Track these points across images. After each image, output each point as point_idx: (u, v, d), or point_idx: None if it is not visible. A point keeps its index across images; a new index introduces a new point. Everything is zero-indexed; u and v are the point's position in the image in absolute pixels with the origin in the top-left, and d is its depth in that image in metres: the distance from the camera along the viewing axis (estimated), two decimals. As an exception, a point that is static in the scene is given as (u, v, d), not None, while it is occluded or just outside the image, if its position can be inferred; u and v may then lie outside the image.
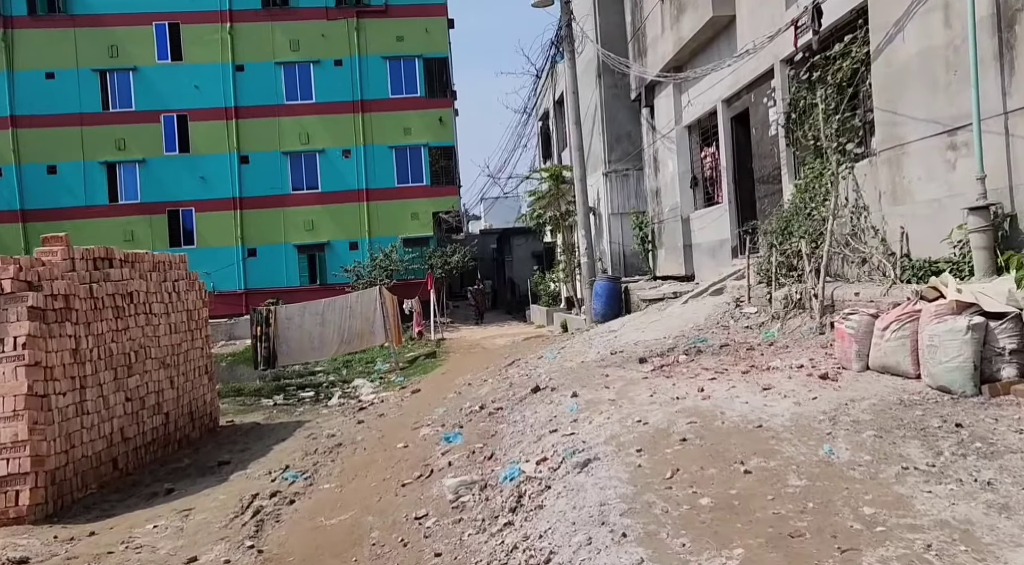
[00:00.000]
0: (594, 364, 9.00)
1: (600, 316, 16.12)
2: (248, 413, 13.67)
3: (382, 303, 18.04)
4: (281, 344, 17.79)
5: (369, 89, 32.59)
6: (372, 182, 32.55)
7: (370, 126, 32.54)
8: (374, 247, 31.27)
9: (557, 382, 8.31)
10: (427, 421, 9.46)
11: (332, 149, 32.51)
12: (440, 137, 32.97)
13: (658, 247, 15.79)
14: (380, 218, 32.52)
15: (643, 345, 9.42)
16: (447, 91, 33.38)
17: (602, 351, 9.90)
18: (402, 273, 30.65)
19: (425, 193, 32.69)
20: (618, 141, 17.76)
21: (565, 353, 11.28)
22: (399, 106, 32.62)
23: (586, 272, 17.04)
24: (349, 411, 12.61)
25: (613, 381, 7.39)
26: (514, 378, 10.35)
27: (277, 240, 32.26)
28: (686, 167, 14.11)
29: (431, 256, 31.25)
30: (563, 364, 9.90)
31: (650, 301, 12.89)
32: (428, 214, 32.71)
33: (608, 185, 17.76)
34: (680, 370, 7.32)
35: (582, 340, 12.24)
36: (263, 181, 32.02)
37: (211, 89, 31.82)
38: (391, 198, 32.51)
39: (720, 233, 12.60)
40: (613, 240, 17.81)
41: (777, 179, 10.34)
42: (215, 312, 31.17)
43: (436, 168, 32.89)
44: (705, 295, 10.76)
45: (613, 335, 11.36)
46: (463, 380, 12.54)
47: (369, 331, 18.19)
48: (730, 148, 12.06)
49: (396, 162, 32.76)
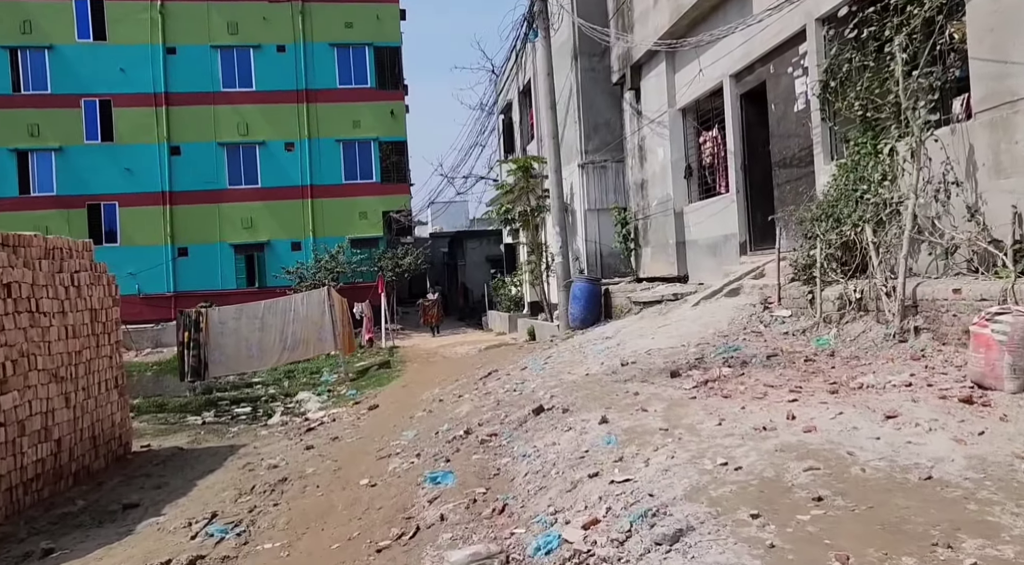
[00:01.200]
0: (605, 377, 7.32)
1: (578, 321, 14.50)
2: (170, 434, 11.51)
3: (331, 306, 16.03)
4: (213, 352, 15.58)
5: (315, 78, 30.39)
6: (317, 178, 30.32)
7: (315, 118, 30.33)
8: (319, 248, 29.05)
9: (565, 401, 6.60)
10: (395, 448, 7.62)
11: (273, 141, 30.16)
12: (391, 131, 30.99)
13: (643, 245, 14.27)
14: (326, 217, 30.30)
15: (660, 355, 7.79)
16: (399, 83, 31.44)
17: (607, 361, 8.24)
18: (349, 276, 28.52)
19: (375, 191, 30.64)
20: (595, 130, 16.22)
21: (554, 363, 9.59)
22: (347, 97, 30.52)
23: (561, 273, 15.40)
24: (294, 432, 10.63)
25: (648, 401, 5.72)
26: (498, 394, 8.59)
27: (211, 239, 29.68)
28: (680, 155, 12.64)
29: (381, 258, 29.21)
30: (561, 377, 8.20)
31: (645, 304, 11.32)
32: (378, 213, 30.66)
33: (584, 178, 16.20)
34: (734, 387, 5.70)
35: (569, 348, 10.57)
36: (196, 174, 29.42)
37: (138, 72, 29.09)
38: (338, 195, 30.34)
39: (724, 227, 11.13)
40: (589, 238, 16.25)
41: (806, 161, 8.89)
42: (140, 316, 28.46)
43: (387, 164, 30.89)
44: (719, 297, 9.23)
45: (610, 342, 9.72)
46: (430, 395, 10.72)
47: (316, 337, 16.15)
48: (739, 130, 10.61)
49: (344, 157, 30.63)
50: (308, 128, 30.24)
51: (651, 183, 13.68)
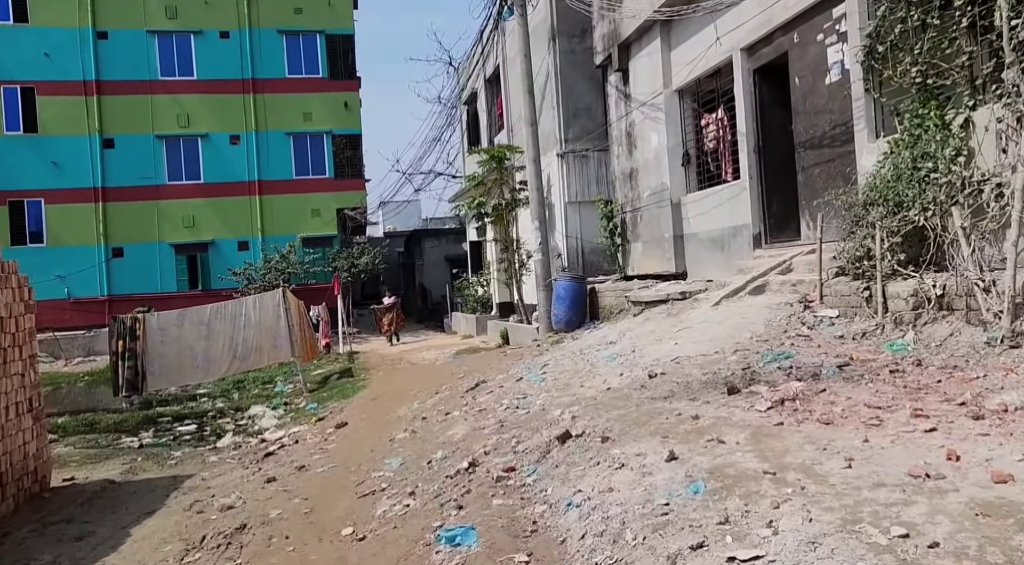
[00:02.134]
0: (635, 393, 6.10)
1: (563, 323, 13.30)
2: (101, 462, 9.85)
3: (286, 309, 14.47)
4: (152, 362, 13.85)
5: (262, 67, 28.50)
6: (266, 173, 28.44)
7: (263, 109, 28.45)
8: (268, 247, 27.20)
9: (596, 424, 5.35)
10: (378, 481, 6.28)
11: (217, 134, 28.16)
12: (345, 124, 29.31)
13: (632, 240, 13.15)
14: (275, 214, 28.45)
15: (692, 364, 6.62)
16: (352, 73, 29.77)
17: (628, 372, 7.03)
18: (302, 277, 26.76)
19: (328, 187, 28.91)
20: (575, 117, 15.05)
21: (555, 373, 8.35)
22: (298, 87, 28.73)
23: (541, 271, 14.18)
24: (250, 458, 9.13)
25: (716, 427, 4.51)
26: (497, 412, 7.30)
27: (150, 238, 27.53)
28: (676, 140, 11.55)
29: (335, 258, 27.54)
30: (574, 392, 6.95)
31: (647, 304, 10.16)
32: (331, 210, 28.94)
33: (563, 168, 15.01)
34: (826, 409, 4.53)
35: (567, 355, 9.35)
36: (132, 169, 27.23)
37: (66, 58, 26.76)
38: (288, 191, 28.52)
39: (732, 218, 10.07)
40: (570, 234, 15.06)
41: (842, 139, 7.86)
42: (70, 322, 26.17)
43: (340, 159, 29.20)
44: (742, 295, 8.13)
45: (618, 348, 8.53)
46: (408, 411, 9.35)
47: (271, 344, 14.57)
48: (751, 110, 9.55)
49: (294, 151, 28.81)
50: (255, 120, 28.34)
51: (642, 172, 12.57)
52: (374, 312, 24.22)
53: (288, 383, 16.53)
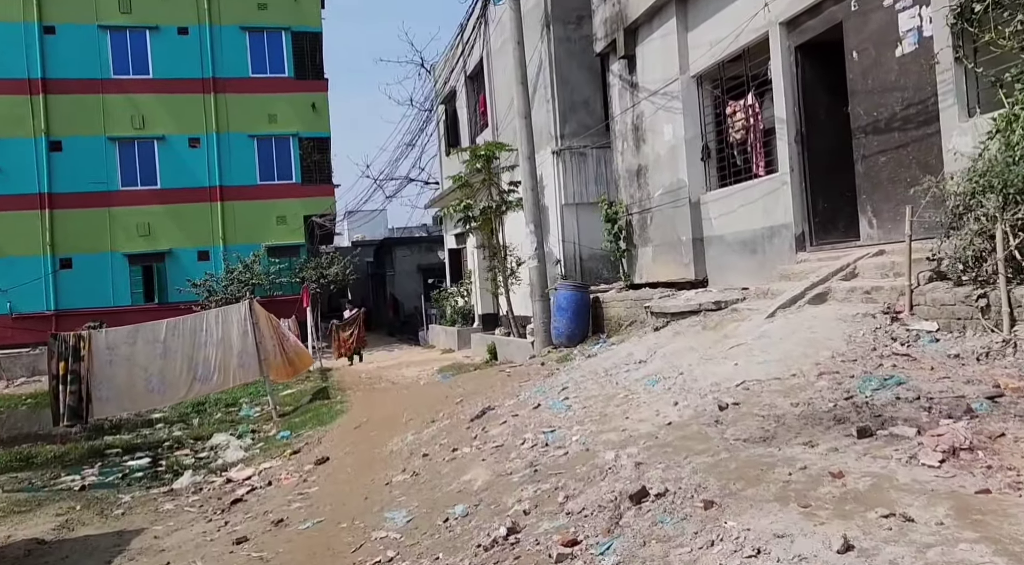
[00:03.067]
0: (710, 430, 4.81)
1: (564, 337, 12.02)
2: (31, 512, 8.21)
3: (254, 323, 12.93)
4: (98, 386, 12.17)
5: (224, 65, 26.85)
6: (228, 178, 26.73)
7: (225, 110, 26.77)
8: (230, 257, 25.46)
9: (682, 479, 4.04)
10: (382, 547, 4.94)
11: (175, 136, 26.40)
12: (312, 126, 27.76)
13: (640, 244, 11.92)
14: (238, 222, 26.73)
15: (769, 390, 5.36)
16: (320, 73, 28.26)
17: (685, 401, 5.73)
18: (267, 288, 25.10)
19: (295, 192, 27.30)
20: (572, 110, 13.82)
21: (580, 399, 7.02)
22: (262, 87, 27.12)
23: (537, 280, 12.89)
24: (214, 504, 7.61)
25: (880, 493, 3.23)
26: (520, 449, 5.96)
27: (101, 248, 25.61)
28: (695, 132, 10.37)
29: (303, 267, 25.93)
30: (620, 426, 5.63)
31: (673, 316, 8.91)
32: (298, 218, 27.33)
33: (560, 167, 13.76)
34: None
35: (588, 375, 8.03)
36: (82, 174, 25.33)
37: (8, 54, 24.84)
38: (252, 197, 26.84)
39: (766, 218, 8.89)
40: (567, 239, 13.79)
41: (922, 119, 6.71)
42: (13, 339, 24.07)
43: (308, 163, 27.62)
44: (800, 304, 6.92)
45: (652, 368, 7.24)
46: (402, 443, 7.94)
47: (236, 364, 13.00)
48: (793, 93, 8.39)
49: (259, 154, 27.17)
50: (216, 121, 26.64)
51: (652, 169, 11.36)
52: (332, 328, 21.39)
53: (255, 405, 14.96)
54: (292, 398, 14.94)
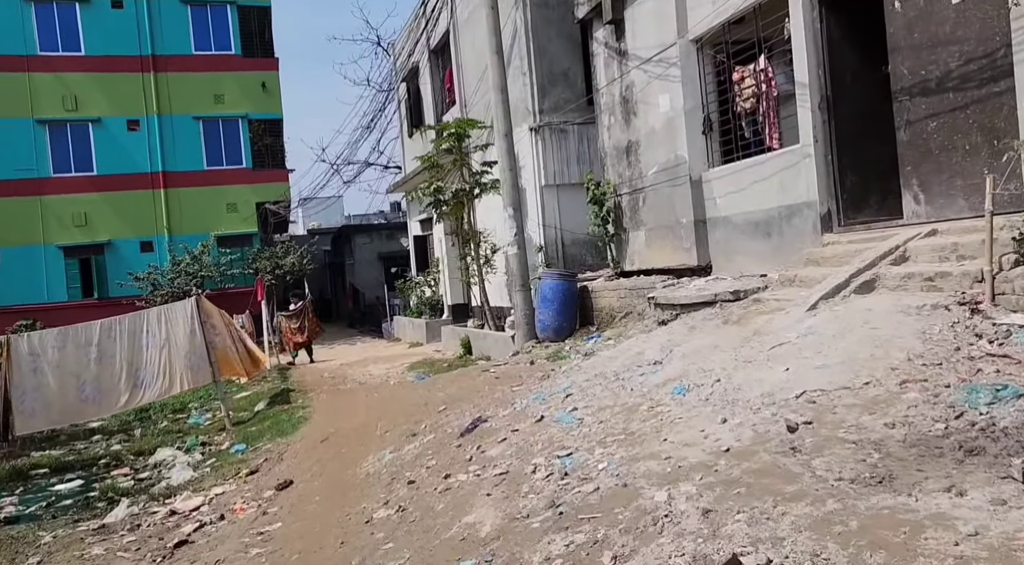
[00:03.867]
0: (785, 460, 3.79)
1: (550, 331, 10.97)
2: (-70, 558, 6.83)
3: (203, 321, 11.56)
4: (21, 398, 10.69)
5: (164, 42, 24.94)
6: (172, 163, 24.93)
7: (166, 90, 24.91)
8: (177, 247, 23.74)
9: (785, 545, 3.00)
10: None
11: (112, 118, 24.47)
12: (263, 108, 26.06)
13: (631, 228, 10.89)
14: (184, 210, 24.98)
15: (843, 404, 4.38)
16: (270, 50, 26.52)
17: (734, 417, 4.71)
18: (218, 281, 23.50)
19: (245, 178, 25.62)
20: (551, 83, 12.69)
21: (590, 410, 5.96)
22: (207, 65, 25.30)
23: (517, 268, 11.79)
24: (154, 545, 6.36)
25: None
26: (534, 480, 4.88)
27: (33, 240, 23.63)
28: (695, 102, 9.35)
29: (257, 258, 24.37)
30: (659, 451, 4.57)
31: (683, 307, 7.90)
32: (250, 205, 25.66)
33: (538, 145, 12.63)
34: None
35: (593, 379, 6.96)
36: (7, 159, 23.29)
37: (-79, 27, 22.57)
38: (199, 184, 25.09)
39: (784, 195, 7.94)
40: (547, 223, 12.70)
41: (985, 76, 5.77)
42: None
43: (259, 146, 25.94)
44: (845, 294, 5.97)
45: (671, 371, 6.21)
46: (378, 463, 6.80)
47: (184, 366, 11.61)
48: (816, 53, 7.41)
49: (205, 138, 25.40)
50: (157, 102, 24.76)
51: (645, 145, 10.32)
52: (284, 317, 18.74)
53: (205, 411, 13.58)
54: (248, 402, 13.60)
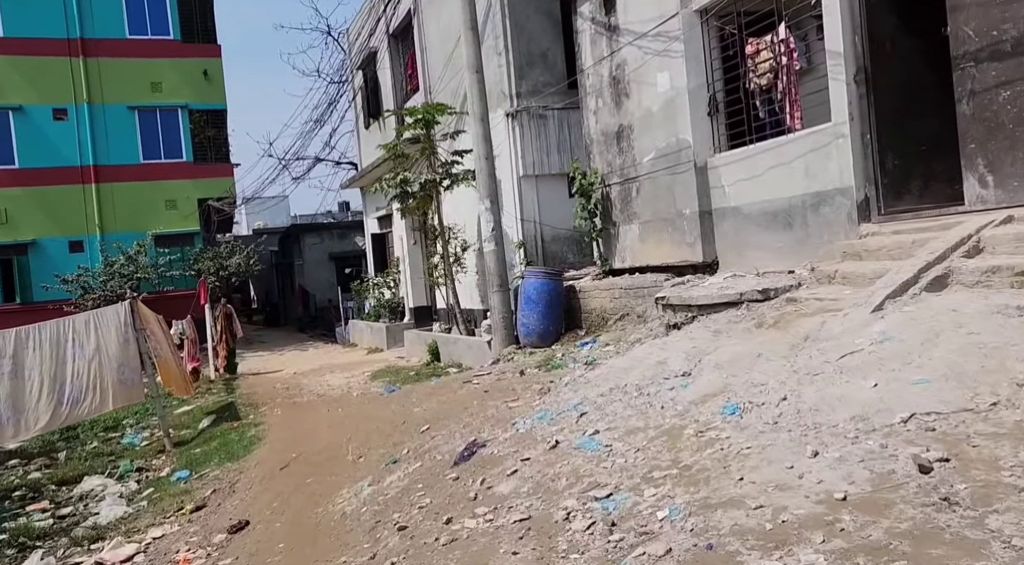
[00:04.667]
0: (946, 516, 2.81)
1: (535, 336, 9.93)
2: None
3: (138, 329, 10.15)
4: (-80, 422, 9.14)
5: (94, 25, 23.02)
6: (104, 156, 23.02)
7: (98, 77, 22.99)
8: (110, 247, 21.87)
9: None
10: None
11: (36, 107, 22.46)
12: (206, 97, 24.33)
13: (622, 222, 9.92)
14: (118, 207, 23.10)
15: (982, 433, 3.45)
16: (212, 35, 24.81)
17: (833, 450, 3.72)
18: (155, 283, 21.75)
19: (186, 172, 23.86)
20: (529, 65, 11.65)
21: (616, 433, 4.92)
22: (143, 51, 23.47)
23: (495, 267, 10.72)
24: (71, 614, 5.08)
25: None
26: (573, 532, 3.88)
27: (-54, 239, 21.48)
28: (699, 81, 8.43)
29: (199, 258, 22.69)
30: (736, 496, 3.55)
31: (701, 309, 6.94)
32: (191, 202, 23.91)
33: (516, 132, 11.56)
34: None
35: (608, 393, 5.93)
36: (-83, 150, 21.08)
37: None
38: (135, 178, 23.24)
39: (810, 181, 7.07)
40: (526, 217, 11.64)
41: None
42: None
43: (201, 139, 24.20)
44: (915, 292, 5.08)
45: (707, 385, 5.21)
46: (355, 500, 5.65)
47: (115, 380, 10.17)
48: (852, 16, 6.54)
49: (141, 129, 23.55)
50: (87, 90, 22.82)
51: (640, 129, 9.37)
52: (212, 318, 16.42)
53: (142, 428, 12.09)
54: (190, 418, 12.16)
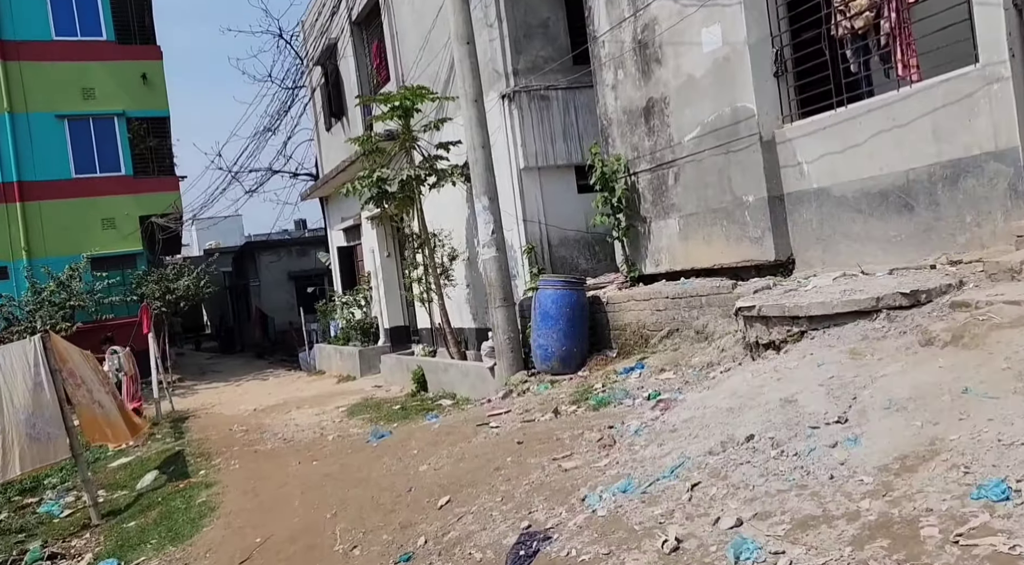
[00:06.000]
0: None
1: (555, 359, 8.07)
2: None
3: (53, 370, 7.99)
4: None
5: (15, 25, 20.56)
6: (30, 171, 20.50)
7: (20, 83, 20.50)
8: (38, 273, 19.32)
9: None
10: None
11: (-51, 117, 19.86)
12: (145, 103, 21.97)
13: (656, 216, 8.15)
14: (47, 227, 20.55)
15: None
16: (151, 36, 22.50)
17: None
18: (92, 311, 19.28)
19: (125, 187, 21.42)
20: (528, 37, 9.84)
21: (770, 520, 3.09)
22: (72, 53, 21.06)
23: (497, 277, 8.85)
24: None
25: None
26: None
27: None
28: (762, 32, 6.73)
29: (142, 282, 20.29)
30: None
31: (812, 321, 5.15)
32: (132, 219, 21.47)
33: (514, 116, 9.73)
34: None
35: (721, 446, 4.11)
36: None
37: None
38: (66, 195, 20.73)
39: (943, 148, 5.39)
40: (529, 217, 9.78)
41: None
42: None
43: (141, 149, 21.81)
44: None
45: (864, 435, 3.43)
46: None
47: (24, 436, 7.98)
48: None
49: (72, 139, 21.08)
50: (8, 98, 20.30)
51: (678, 101, 7.63)
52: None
53: (67, 490, 9.81)
54: (128, 474, 9.94)
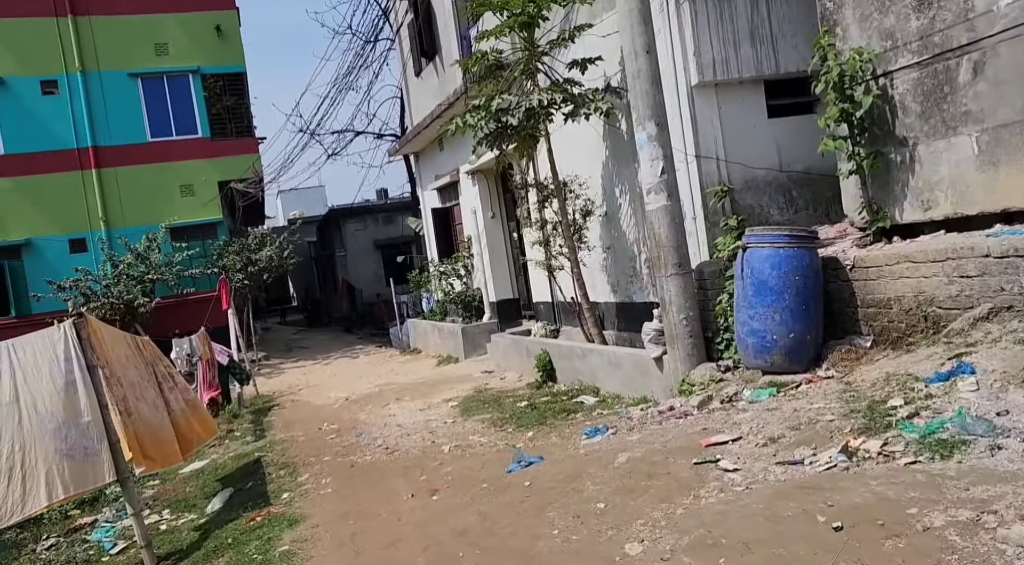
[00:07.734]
0: None
1: (778, 351, 5.51)
2: None
3: (92, 365, 6.00)
4: None
5: (83, -24, 19.08)
6: (105, 135, 19.14)
7: (90, 39, 19.07)
8: (117, 245, 18.03)
9: None
10: None
11: (20, 79, 18.64)
12: (221, 59, 20.27)
13: (929, 136, 5.42)
14: (125, 195, 19.23)
15: None
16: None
17: None
18: (172, 285, 17.85)
19: (203, 151, 19.85)
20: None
21: None
22: (142, 5, 19.47)
23: (667, 233, 6.32)
24: None
25: None
26: None
27: (-79, 243, 17.91)
28: None
29: (222, 253, 18.75)
30: None
31: None
32: (211, 185, 19.93)
33: (683, 12, 7.11)
34: None
35: None
36: None
37: None
38: (143, 160, 19.33)
39: None
40: (704, 152, 7.18)
41: None
42: None
43: (218, 109, 20.18)
44: None
45: None
46: None
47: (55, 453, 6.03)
48: None
49: (146, 100, 19.60)
50: (80, 57, 18.92)
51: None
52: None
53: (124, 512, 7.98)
54: (200, 486, 8.05)
